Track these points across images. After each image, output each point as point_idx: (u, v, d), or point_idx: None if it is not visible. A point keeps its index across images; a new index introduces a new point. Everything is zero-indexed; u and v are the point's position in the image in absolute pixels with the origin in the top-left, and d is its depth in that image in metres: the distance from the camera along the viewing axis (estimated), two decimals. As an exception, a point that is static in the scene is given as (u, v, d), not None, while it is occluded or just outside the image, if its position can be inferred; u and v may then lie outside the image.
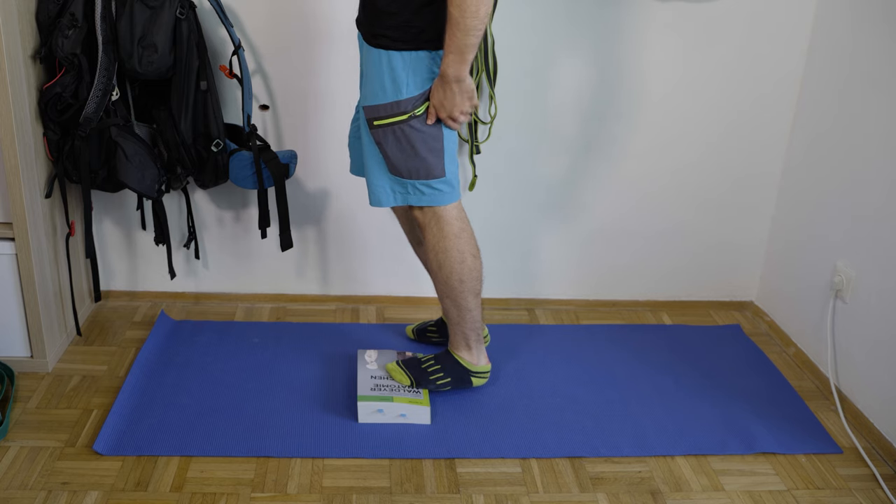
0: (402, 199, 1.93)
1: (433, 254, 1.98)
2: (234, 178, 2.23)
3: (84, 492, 1.80)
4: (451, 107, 1.80)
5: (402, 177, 1.90)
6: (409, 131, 1.84)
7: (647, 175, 2.53)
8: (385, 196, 1.94)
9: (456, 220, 1.95)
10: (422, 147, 1.86)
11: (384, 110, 1.83)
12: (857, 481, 1.94)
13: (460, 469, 1.92)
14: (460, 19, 1.66)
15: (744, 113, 2.48)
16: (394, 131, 1.84)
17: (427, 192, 1.91)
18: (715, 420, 2.11)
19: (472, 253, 1.98)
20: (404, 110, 1.82)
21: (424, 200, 1.92)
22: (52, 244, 2.22)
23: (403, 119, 1.83)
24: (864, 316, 2.15)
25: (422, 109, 1.83)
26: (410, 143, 1.85)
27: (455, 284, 1.99)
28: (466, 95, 1.79)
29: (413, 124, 1.84)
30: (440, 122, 1.87)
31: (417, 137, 1.85)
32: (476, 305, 2.04)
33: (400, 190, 1.92)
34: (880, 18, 2.10)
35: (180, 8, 2.04)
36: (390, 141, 1.86)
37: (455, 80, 1.76)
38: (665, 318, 2.64)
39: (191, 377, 2.19)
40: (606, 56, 2.38)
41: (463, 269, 1.97)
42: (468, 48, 1.70)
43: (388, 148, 1.87)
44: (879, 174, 2.10)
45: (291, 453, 1.93)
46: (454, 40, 1.69)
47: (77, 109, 2.07)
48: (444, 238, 1.95)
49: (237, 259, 2.58)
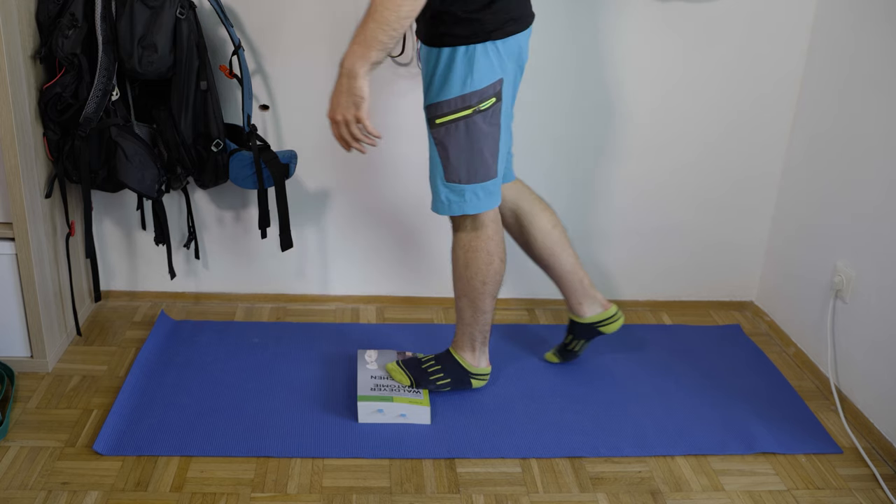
0: (459, 208, 1.87)
1: (462, 252, 1.96)
2: (234, 178, 2.23)
3: (84, 492, 1.80)
4: (335, 104, 1.67)
5: (460, 182, 1.85)
6: (473, 127, 1.80)
7: (647, 175, 2.53)
8: (441, 205, 1.90)
9: (492, 221, 1.94)
10: (484, 145, 1.82)
11: (448, 106, 1.78)
12: (857, 481, 1.94)
13: (460, 469, 1.92)
14: (380, 9, 1.57)
15: (744, 113, 2.48)
16: (457, 127, 1.80)
17: (483, 196, 1.87)
18: (715, 420, 2.11)
19: (501, 257, 1.97)
20: (469, 104, 1.78)
21: (480, 206, 1.87)
22: (52, 244, 2.22)
23: (468, 114, 1.79)
24: (864, 316, 2.15)
25: (486, 104, 1.79)
26: (472, 140, 1.81)
27: (477, 285, 1.98)
28: (353, 99, 1.64)
29: (477, 120, 1.80)
30: (500, 121, 1.83)
31: (480, 134, 1.81)
32: (491, 308, 2.04)
33: (456, 199, 1.87)
34: (880, 18, 2.10)
35: (180, 8, 2.04)
36: (452, 138, 1.81)
37: (347, 73, 1.62)
38: (665, 318, 2.64)
39: (191, 377, 2.19)
40: (606, 56, 2.38)
41: (489, 271, 1.96)
42: (376, 44, 1.59)
43: (451, 147, 1.82)
44: (879, 174, 2.10)
45: (291, 453, 1.93)
46: (364, 30, 1.59)
47: (77, 109, 2.07)
48: (477, 238, 1.94)
49: (237, 259, 2.58)
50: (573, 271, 2.16)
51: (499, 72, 1.80)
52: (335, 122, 1.69)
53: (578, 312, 2.20)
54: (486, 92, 1.79)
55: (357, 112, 1.66)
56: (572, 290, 2.18)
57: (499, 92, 1.81)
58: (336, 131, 1.71)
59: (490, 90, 1.79)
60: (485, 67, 1.77)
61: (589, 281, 2.19)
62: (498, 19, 1.75)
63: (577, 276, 2.17)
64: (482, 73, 1.77)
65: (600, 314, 2.20)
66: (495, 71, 1.79)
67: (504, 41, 1.77)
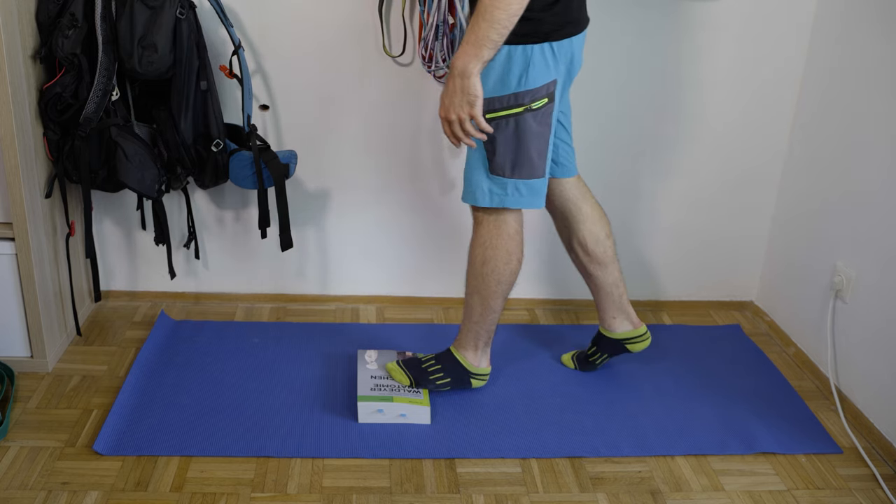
0: (500, 200, 1.88)
1: (481, 249, 1.96)
2: (234, 178, 2.23)
3: (84, 492, 1.80)
4: (448, 104, 1.73)
5: (504, 175, 1.86)
6: (523, 125, 1.81)
7: (647, 175, 2.53)
8: (482, 196, 1.89)
9: (515, 220, 1.94)
10: (532, 144, 1.83)
11: (500, 102, 1.79)
12: (857, 481, 1.94)
13: (460, 469, 1.92)
14: (490, 9, 1.62)
15: (744, 112, 2.48)
16: (507, 123, 1.81)
17: (526, 192, 1.88)
18: (715, 420, 2.11)
19: (519, 258, 1.97)
20: (521, 102, 1.79)
21: (521, 202, 1.88)
22: (52, 244, 2.22)
23: (519, 112, 1.79)
24: (864, 316, 2.15)
25: (538, 104, 1.80)
26: (520, 138, 1.82)
27: (492, 284, 1.98)
28: (466, 98, 1.70)
29: (528, 118, 1.80)
30: (551, 121, 1.84)
31: (529, 133, 1.82)
32: (500, 308, 2.04)
33: (498, 192, 1.88)
34: (880, 18, 2.10)
35: (180, 8, 2.04)
36: (502, 134, 1.82)
37: (460, 73, 1.68)
38: (665, 318, 2.64)
39: (191, 377, 2.19)
40: (605, 56, 2.38)
41: (506, 270, 1.96)
42: (488, 43, 1.65)
43: (498, 142, 1.82)
44: (879, 174, 2.10)
45: (291, 453, 1.93)
46: (476, 30, 1.65)
47: (77, 109, 2.07)
48: (499, 236, 1.93)
49: (237, 259, 2.58)
50: (616, 284, 2.15)
51: (553, 73, 1.80)
52: (449, 121, 1.74)
53: (611, 327, 2.19)
54: (540, 92, 1.80)
55: (471, 110, 1.71)
56: (610, 303, 2.17)
57: (552, 93, 1.82)
58: (448, 130, 1.76)
59: (543, 90, 1.80)
60: (541, 67, 1.78)
61: (626, 296, 2.18)
62: (557, 21, 1.76)
63: (618, 290, 2.15)
64: (538, 72, 1.78)
65: (630, 332, 2.19)
66: (550, 72, 1.79)
67: (560, 43, 1.78)
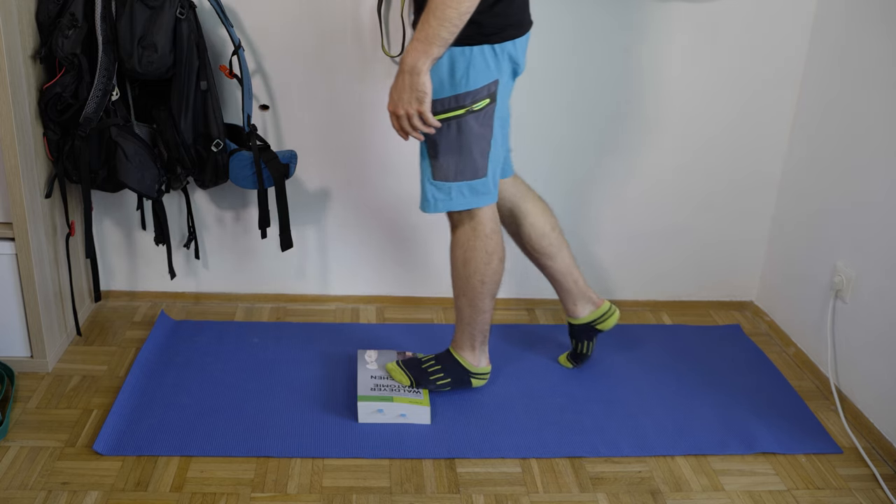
0: (445, 205, 1.90)
1: (461, 251, 1.96)
2: (234, 178, 2.23)
3: (84, 492, 1.80)
4: (397, 99, 1.72)
5: (448, 180, 1.87)
6: (465, 127, 1.81)
7: (647, 174, 2.53)
8: (425, 203, 1.91)
9: (490, 220, 1.94)
10: (475, 146, 1.84)
11: (442, 105, 1.79)
12: (857, 481, 1.94)
13: (460, 469, 1.92)
14: (441, 7, 1.61)
15: (744, 113, 2.48)
16: (449, 126, 1.81)
17: (468, 193, 1.89)
18: (715, 420, 2.11)
19: (500, 256, 1.98)
20: (462, 104, 1.79)
21: (465, 203, 1.90)
22: (52, 244, 2.22)
23: (461, 114, 1.80)
24: (864, 316, 2.15)
25: (480, 105, 1.80)
26: (463, 140, 1.83)
27: (476, 284, 1.98)
28: (415, 94, 1.69)
29: (469, 120, 1.81)
30: (493, 122, 1.84)
31: (472, 135, 1.82)
32: (490, 308, 2.04)
33: (442, 197, 1.89)
34: (880, 18, 2.10)
35: (180, 8, 2.04)
36: (443, 137, 1.83)
37: (410, 70, 1.67)
38: (665, 318, 2.64)
39: (191, 377, 2.19)
40: (605, 56, 2.38)
41: (487, 270, 1.96)
42: (437, 41, 1.64)
43: (440, 145, 1.83)
44: (879, 174, 2.10)
45: (291, 453, 1.93)
46: (426, 27, 1.64)
47: (77, 109, 2.07)
48: (475, 237, 1.94)
49: (237, 259, 2.58)
50: (568, 272, 2.17)
51: (495, 73, 1.80)
52: (397, 115, 1.75)
53: (574, 314, 2.21)
54: (481, 93, 1.80)
55: (420, 107, 1.71)
56: (567, 291, 2.19)
57: (493, 93, 1.82)
58: (396, 124, 1.77)
59: (485, 91, 1.80)
60: (481, 68, 1.78)
61: (583, 280, 2.20)
62: (498, 23, 1.76)
63: (571, 277, 2.18)
64: (478, 73, 1.78)
65: (594, 312, 2.20)
66: (491, 72, 1.80)
67: (501, 45, 1.78)
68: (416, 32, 1.66)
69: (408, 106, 1.72)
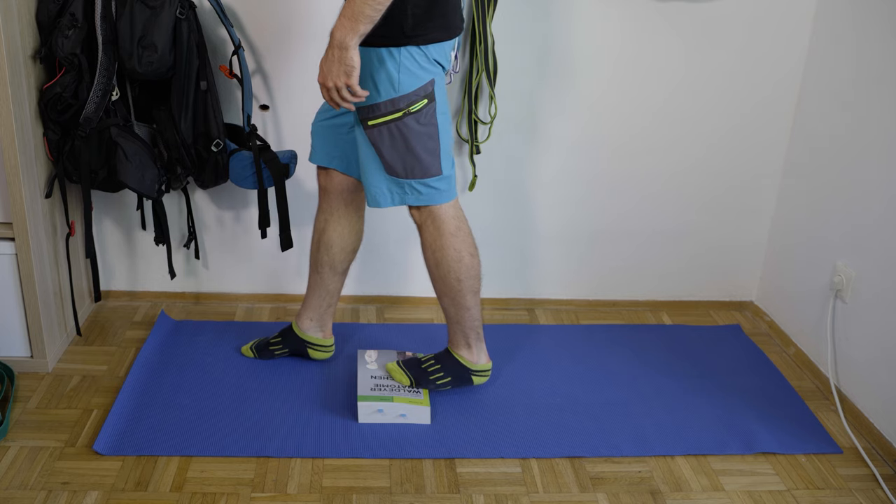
0: (400, 199, 1.92)
1: (430, 252, 1.98)
2: (234, 178, 2.23)
3: (84, 492, 1.80)
4: (327, 71, 1.74)
5: (399, 176, 1.89)
6: (405, 129, 1.83)
7: (648, 175, 2.53)
8: (382, 197, 1.92)
9: (452, 218, 1.95)
10: (418, 145, 1.85)
11: (379, 109, 1.82)
12: (857, 481, 1.94)
13: (460, 469, 1.92)
14: None
15: (744, 113, 2.48)
16: (389, 129, 1.83)
17: (424, 191, 1.90)
18: (715, 420, 2.11)
19: (470, 252, 1.98)
20: (399, 108, 1.81)
21: (422, 200, 1.92)
22: (52, 244, 2.22)
23: (398, 117, 1.82)
24: (864, 316, 2.15)
25: (417, 106, 1.82)
26: (406, 142, 1.84)
27: (453, 283, 1.98)
28: (344, 68, 1.71)
29: (408, 122, 1.83)
30: (436, 120, 1.86)
31: (413, 135, 1.84)
32: (475, 304, 2.04)
33: (397, 190, 1.91)
34: (880, 18, 2.10)
35: (180, 8, 2.04)
36: (386, 140, 1.85)
37: (338, 45, 1.69)
38: (665, 318, 2.64)
39: (191, 377, 2.19)
40: (606, 56, 2.38)
41: (460, 267, 1.97)
42: (362, 18, 1.65)
43: (383, 147, 1.86)
44: (879, 174, 2.10)
45: (291, 453, 1.93)
46: (352, 4, 1.65)
47: (77, 109, 2.07)
48: (440, 237, 1.95)
49: (237, 259, 2.58)
50: (334, 294, 2.19)
51: (428, 74, 1.82)
52: (327, 87, 1.77)
53: (303, 326, 2.23)
54: (417, 94, 1.81)
55: (348, 80, 1.73)
56: (317, 306, 2.20)
57: (431, 93, 1.83)
58: (327, 95, 1.79)
59: (420, 92, 1.82)
60: (414, 70, 1.79)
61: (333, 310, 2.22)
62: (430, 25, 1.77)
63: (331, 300, 2.20)
64: (410, 76, 1.79)
65: (319, 339, 2.24)
66: (424, 74, 1.81)
67: (430, 47, 1.80)
68: (343, 8, 1.68)
69: (336, 79, 1.73)
